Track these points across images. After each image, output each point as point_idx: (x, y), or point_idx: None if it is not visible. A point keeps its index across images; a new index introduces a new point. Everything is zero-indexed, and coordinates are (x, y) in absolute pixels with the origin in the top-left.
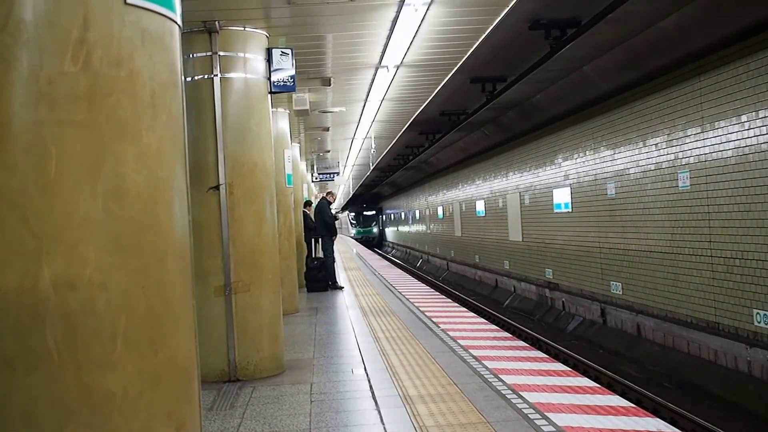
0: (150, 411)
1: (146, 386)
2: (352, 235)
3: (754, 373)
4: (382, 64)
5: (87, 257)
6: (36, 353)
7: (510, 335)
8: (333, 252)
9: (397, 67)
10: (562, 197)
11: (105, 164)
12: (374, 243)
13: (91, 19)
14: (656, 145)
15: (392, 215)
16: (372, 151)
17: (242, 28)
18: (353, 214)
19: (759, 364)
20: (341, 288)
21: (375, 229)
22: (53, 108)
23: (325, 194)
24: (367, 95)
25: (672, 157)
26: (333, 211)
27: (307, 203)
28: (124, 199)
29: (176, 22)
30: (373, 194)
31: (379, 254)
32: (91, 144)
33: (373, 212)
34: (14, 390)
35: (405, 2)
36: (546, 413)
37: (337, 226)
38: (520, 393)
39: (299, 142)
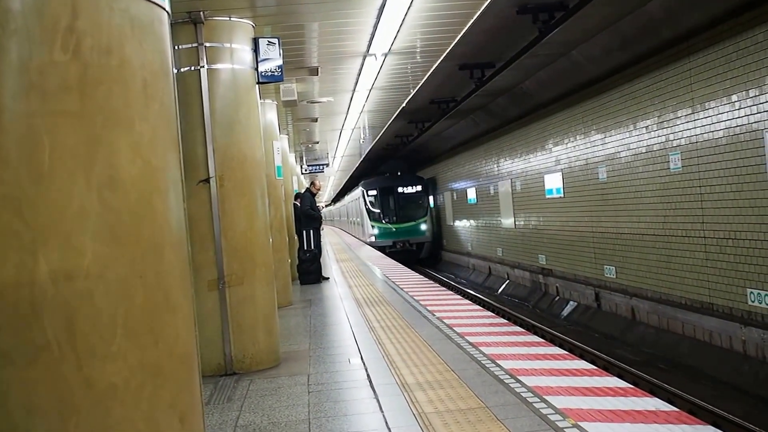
0: (152, 401)
1: (147, 377)
2: (372, 238)
3: (749, 352)
4: (370, 52)
5: (84, 248)
6: (36, 346)
7: (506, 321)
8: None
9: (385, 55)
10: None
11: (98, 154)
12: (421, 254)
13: (79, 6)
14: (647, 127)
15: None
16: (361, 141)
17: (227, 18)
18: (373, 193)
19: (754, 343)
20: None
21: (424, 225)
22: (44, 98)
23: (309, 185)
24: (356, 84)
25: (663, 139)
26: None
27: (298, 195)
28: (119, 189)
29: (165, 9)
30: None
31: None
32: (84, 134)
33: (419, 189)
34: (15, 383)
35: None
36: (544, 396)
37: (346, 219)
38: (518, 377)
39: (288, 134)
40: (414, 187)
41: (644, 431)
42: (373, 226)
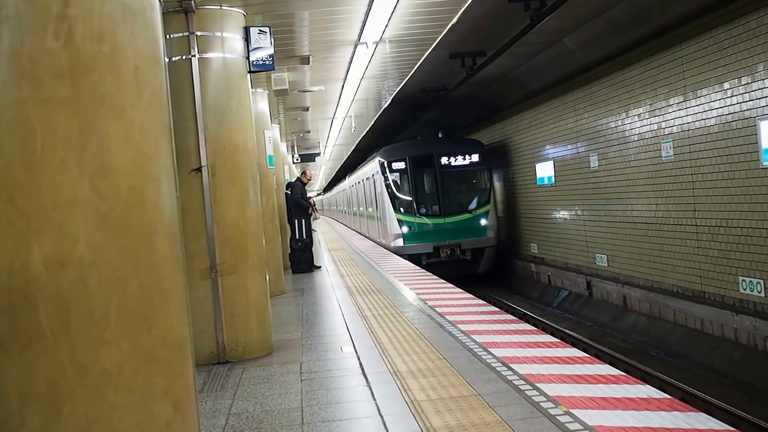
0: (145, 388)
1: (141, 363)
2: (399, 241)
3: (740, 340)
4: (361, 40)
5: (76, 236)
6: (30, 333)
7: (497, 309)
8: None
9: (377, 44)
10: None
11: (90, 142)
12: (480, 267)
13: None
14: (639, 115)
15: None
16: (352, 130)
17: (219, 7)
18: (399, 167)
19: (745, 331)
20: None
21: (484, 220)
22: (36, 86)
23: (300, 174)
24: (347, 73)
25: (655, 127)
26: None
27: (289, 185)
28: (111, 177)
29: None
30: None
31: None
32: (76, 121)
33: (476, 160)
34: (9, 370)
35: None
36: (536, 384)
37: (348, 209)
38: (510, 365)
39: (279, 123)
40: (468, 156)
41: (636, 418)
42: (400, 222)
